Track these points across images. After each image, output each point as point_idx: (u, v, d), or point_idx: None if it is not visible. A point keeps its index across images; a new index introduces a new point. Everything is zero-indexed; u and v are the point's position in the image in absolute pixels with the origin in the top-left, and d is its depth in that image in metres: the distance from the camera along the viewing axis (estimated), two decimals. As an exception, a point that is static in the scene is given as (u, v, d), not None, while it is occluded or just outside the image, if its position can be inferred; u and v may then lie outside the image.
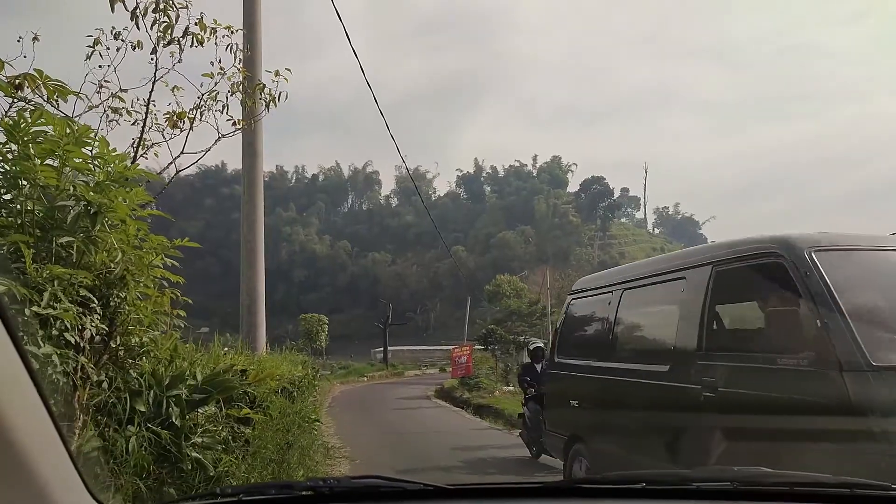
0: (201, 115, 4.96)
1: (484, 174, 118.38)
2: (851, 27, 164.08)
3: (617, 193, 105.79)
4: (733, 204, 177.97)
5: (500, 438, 12.66)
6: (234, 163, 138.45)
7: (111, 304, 3.02)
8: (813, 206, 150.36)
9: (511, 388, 23.42)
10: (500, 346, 28.15)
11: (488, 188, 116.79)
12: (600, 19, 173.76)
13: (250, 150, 8.59)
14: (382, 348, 45.88)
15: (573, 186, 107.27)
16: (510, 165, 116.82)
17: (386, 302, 52.71)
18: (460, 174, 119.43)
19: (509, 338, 27.93)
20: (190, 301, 4.12)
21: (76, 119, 3.70)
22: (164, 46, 4.51)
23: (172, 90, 4.69)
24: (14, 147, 2.74)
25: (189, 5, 4.48)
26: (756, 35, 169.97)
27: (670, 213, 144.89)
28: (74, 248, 2.79)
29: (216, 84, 4.95)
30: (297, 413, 5.82)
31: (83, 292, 2.75)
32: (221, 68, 4.95)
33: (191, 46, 4.62)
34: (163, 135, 4.84)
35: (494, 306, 41.79)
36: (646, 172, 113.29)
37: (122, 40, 4.32)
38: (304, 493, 1.71)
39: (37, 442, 1.19)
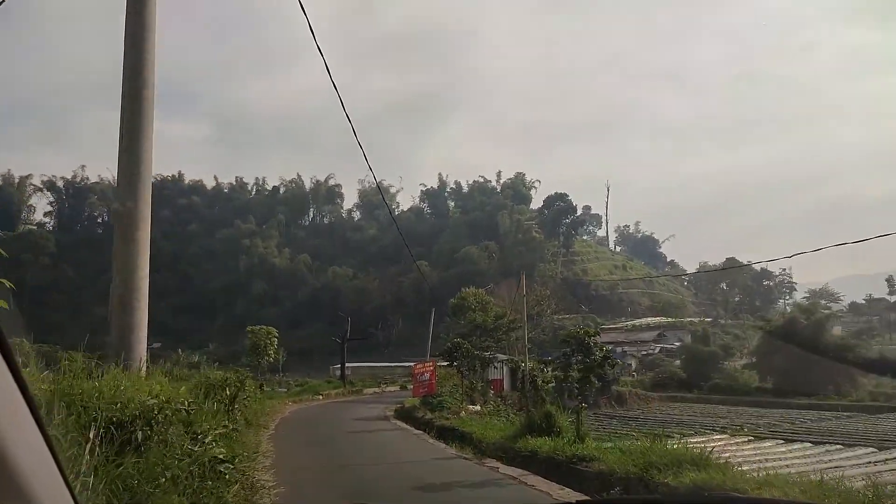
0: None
1: (448, 189, 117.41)
2: (803, 56, 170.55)
3: (579, 211, 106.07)
4: (691, 223, 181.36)
5: (471, 471, 10.80)
6: (192, 173, 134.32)
7: None
8: (767, 225, 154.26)
9: (477, 407, 21.73)
10: (466, 361, 26.33)
11: (452, 203, 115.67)
12: (565, 41, 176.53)
13: (134, 41, 6.09)
14: (341, 367, 43.29)
15: (536, 203, 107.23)
16: (474, 181, 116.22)
17: (344, 315, 50.41)
18: (424, 189, 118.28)
19: (475, 353, 26.12)
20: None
21: None
22: None
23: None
24: None
25: None
26: (713, 61, 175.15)
27: (631, 231, 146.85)
28: None
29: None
30: (186, 455, 4.10)
31: None
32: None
33: None
34: None
35: (459, 320, 40.08)
36: (608, 190, 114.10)
37: None
38: None
39: (30, 459, 1.20)
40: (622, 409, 35.35)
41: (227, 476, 5.45)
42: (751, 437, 24.81)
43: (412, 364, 60.88)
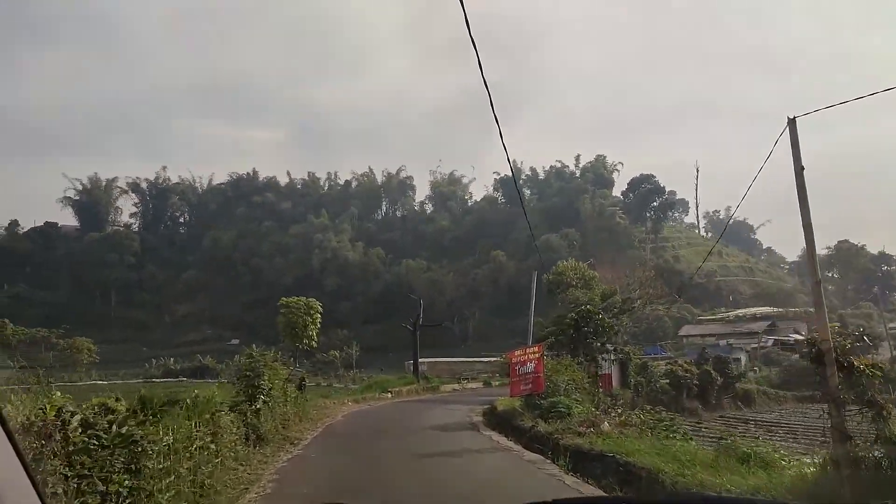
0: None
1: (523, 176, 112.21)
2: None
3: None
4: (788, 209, 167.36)
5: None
6: (266, 170, 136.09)
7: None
8: (883, 206, 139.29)
9: (618, 417, 14.20)
10: (588, 345, 20.97)
11: (528, 191, 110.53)
12: (640, 29, 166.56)
13: None
14: (413, 359, 38.68)
15: (620, 188, 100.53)
16: (551, 166, 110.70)
17: (416, 297, 46.21)
18: (498, 177, 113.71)
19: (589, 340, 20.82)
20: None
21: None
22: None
23: None
24: None
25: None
26: (800, 41, 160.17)
27: (721, 217, 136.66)
28: None
29: None
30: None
31: None
32: None
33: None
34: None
35: (556, 300, 34.84)
36: (697, 172, 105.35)
37: None
38: None
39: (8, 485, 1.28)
40: (751, 410, 29.82)
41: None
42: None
43: (494, 359, 56.56)
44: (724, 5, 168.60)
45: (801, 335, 55.66)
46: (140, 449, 5.38)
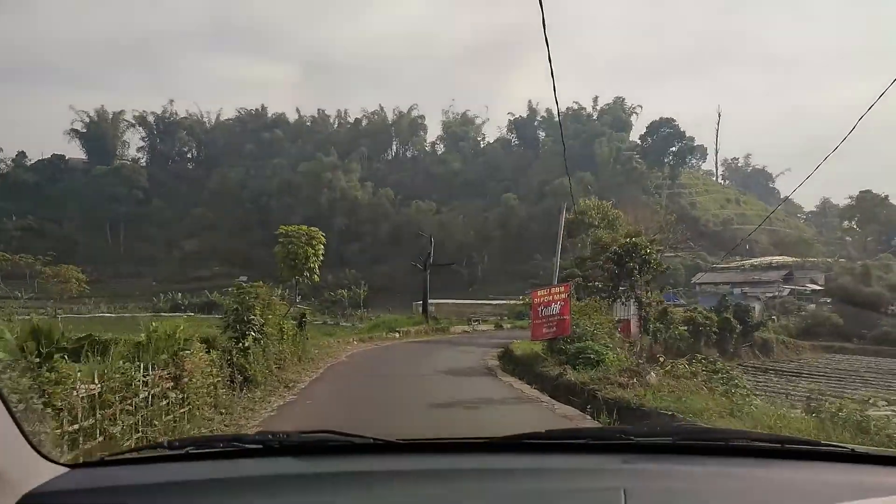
0: None
1: (538, 118, 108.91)
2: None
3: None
4: (808, 158, 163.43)
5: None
6: (275, 106, 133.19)
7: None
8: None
9: (662, 367, 12.12)
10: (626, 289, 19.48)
11: (543, 133, 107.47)
12: None
13: None
14: (423, 297, 37.73)
15: (637, 132, 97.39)
16: (568, 108, 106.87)
17: (427, 235, 45.16)
18: (512, 118, 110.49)
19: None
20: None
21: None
22: None
23: None
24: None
25: None
26: None
27: (740, 164, 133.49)
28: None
29: None
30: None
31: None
32: None
33: None
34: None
35: (576, 239, 33.40)
36: (719, 117, 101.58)
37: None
38: (252, 446, 1.73)
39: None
40: (769, 360, 28.90)
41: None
42: None
43: (502, 301, 55.56)
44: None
45: (819, 285, 54.41)
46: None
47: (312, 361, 17.01)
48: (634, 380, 10.41)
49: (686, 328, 26.84)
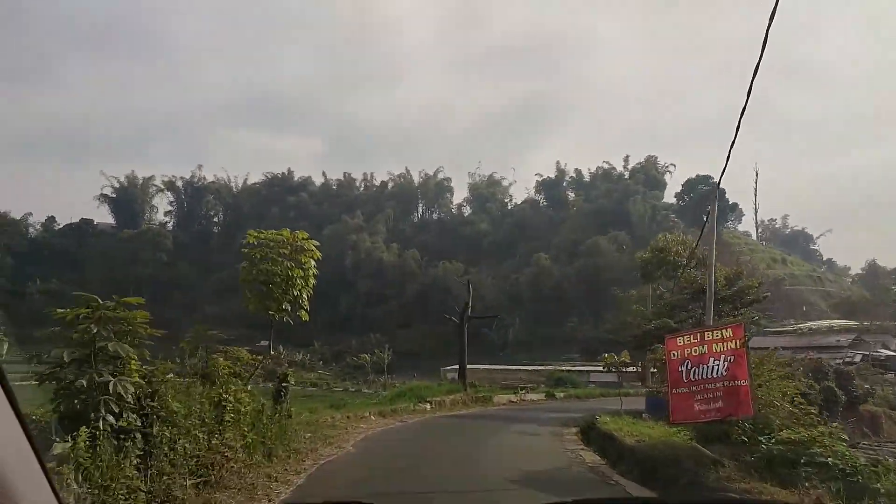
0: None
1: (567, 178, 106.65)
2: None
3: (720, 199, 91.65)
4: (847, 220, 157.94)
5: None
6: (300, 170, 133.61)
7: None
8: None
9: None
10: None
11: (572, 194, 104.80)
12: (682, 43, 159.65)
13: None
14: (458, 361, 32.92)
15: (672, 190, 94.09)
16: (597, 167, 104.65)
17: (465, 282, 40.90)
18: (540, 179, 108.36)
19: None
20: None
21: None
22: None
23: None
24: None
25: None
26: (849, 54, 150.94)
27: (778, 225, 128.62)
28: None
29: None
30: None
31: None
32: None
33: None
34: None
35: (654, 284, 29.49)
36: (756, 175, 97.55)
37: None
38: None
39: (11, 455, 1.22)
40: (882, 438, 24.17)
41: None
42: None
43: (535, 368, 50.87)
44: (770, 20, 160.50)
45: (892, 350, 48.95)
46: None
47: (297, 455, 11.87)
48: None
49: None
